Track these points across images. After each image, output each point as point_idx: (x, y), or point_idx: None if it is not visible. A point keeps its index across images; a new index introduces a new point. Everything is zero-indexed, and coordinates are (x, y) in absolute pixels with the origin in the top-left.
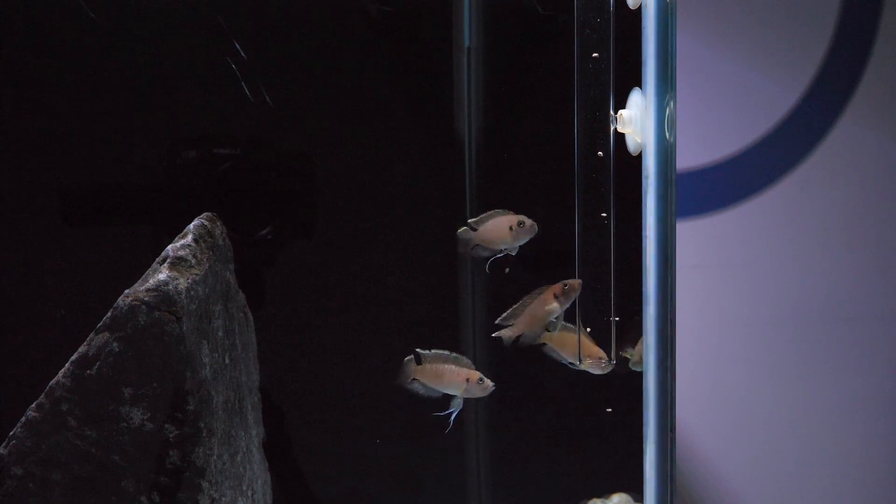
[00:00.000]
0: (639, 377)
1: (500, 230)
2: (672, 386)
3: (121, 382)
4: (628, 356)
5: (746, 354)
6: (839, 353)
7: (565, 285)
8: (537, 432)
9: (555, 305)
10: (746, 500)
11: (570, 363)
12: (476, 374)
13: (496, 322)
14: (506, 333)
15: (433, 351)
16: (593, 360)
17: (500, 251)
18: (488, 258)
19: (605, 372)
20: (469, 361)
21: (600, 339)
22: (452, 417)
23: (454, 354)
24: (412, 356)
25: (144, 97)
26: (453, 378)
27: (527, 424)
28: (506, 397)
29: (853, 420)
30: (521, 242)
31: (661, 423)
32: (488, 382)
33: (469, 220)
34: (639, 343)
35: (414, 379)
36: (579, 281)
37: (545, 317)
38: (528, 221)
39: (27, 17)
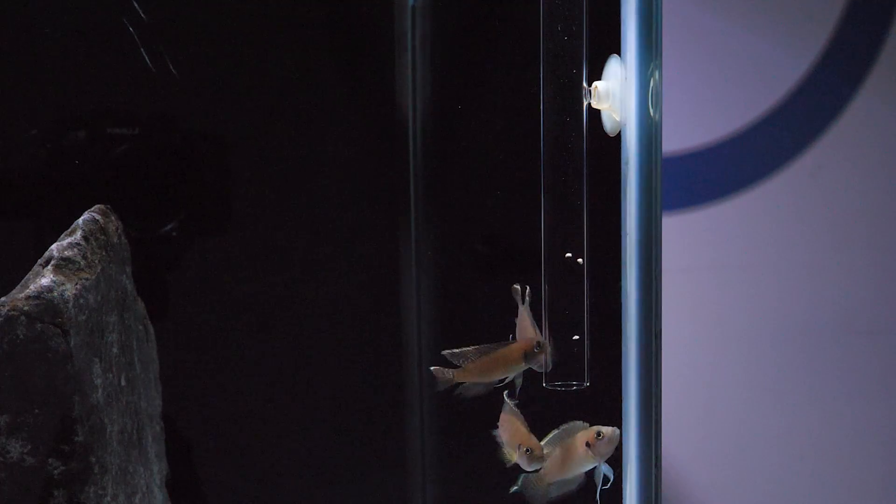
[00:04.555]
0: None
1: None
2: (657, 412)
3: None
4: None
5: (747, 373)
6: (857, 371)
7: (537, 347)
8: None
9: (520, 365)
10: None
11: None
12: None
13: (443, 352)
14: (445, 375)
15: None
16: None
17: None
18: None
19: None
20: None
21: (568, 357)
22: (599, 490)
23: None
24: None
25: (23, 65)
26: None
27: (487, 452)
28: (457, 421)
29: (874, 450)
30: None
31: (645, 455)
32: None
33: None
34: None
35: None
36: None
37: (503, 373)
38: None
39: None
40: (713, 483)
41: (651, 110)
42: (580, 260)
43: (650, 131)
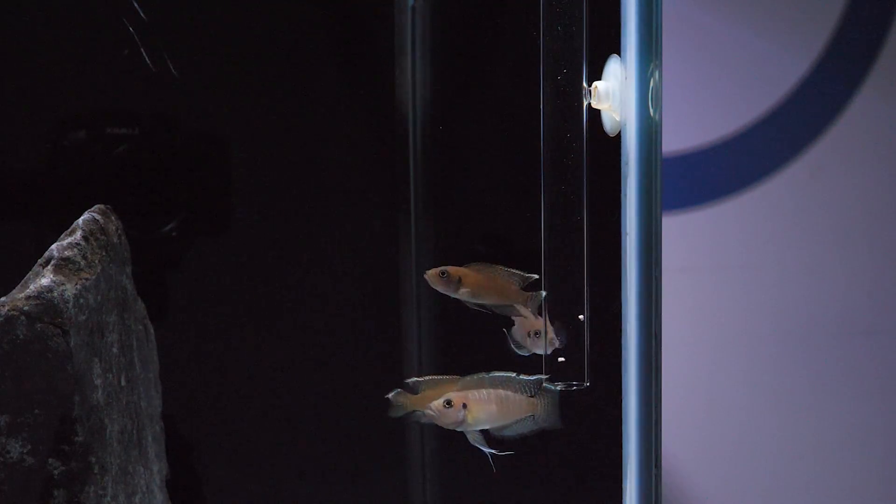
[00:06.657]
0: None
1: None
2: (657, 413)
3: None
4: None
5: (747, 374)
6: (857, 371)
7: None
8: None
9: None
10: None
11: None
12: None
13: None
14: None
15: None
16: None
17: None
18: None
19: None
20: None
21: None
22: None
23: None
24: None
25: (23, 65)
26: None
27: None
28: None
29: (874, 450)
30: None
31: (645, 456)
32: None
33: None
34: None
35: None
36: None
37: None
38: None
39: None
40: (713, 483)
41: (651, 110)
42: (581, 317)
43: (650, 131)
